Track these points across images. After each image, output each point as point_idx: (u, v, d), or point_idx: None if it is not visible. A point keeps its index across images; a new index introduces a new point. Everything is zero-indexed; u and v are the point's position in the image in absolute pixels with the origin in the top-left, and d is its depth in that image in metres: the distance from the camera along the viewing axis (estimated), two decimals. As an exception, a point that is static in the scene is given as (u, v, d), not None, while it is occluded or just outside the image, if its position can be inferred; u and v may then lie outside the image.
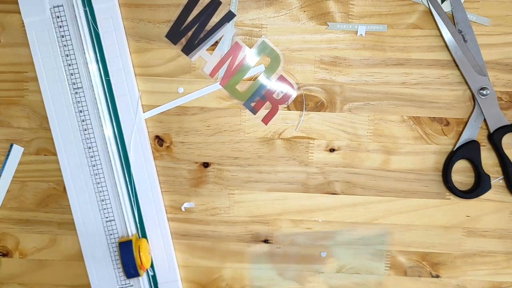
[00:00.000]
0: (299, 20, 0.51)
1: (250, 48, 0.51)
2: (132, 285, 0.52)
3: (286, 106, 0.52)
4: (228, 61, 0.51)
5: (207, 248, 0.53)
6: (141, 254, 0.49)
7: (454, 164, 0.51)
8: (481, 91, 0.50)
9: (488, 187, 0.51)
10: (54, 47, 0.49)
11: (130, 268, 0.48)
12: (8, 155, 0.53)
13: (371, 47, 0.50)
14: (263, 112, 0.52)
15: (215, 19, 0.51)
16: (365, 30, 0.50)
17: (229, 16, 0.50)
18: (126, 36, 0.51)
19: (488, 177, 0.51)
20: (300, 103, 0.51)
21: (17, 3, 0.49)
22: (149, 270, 0.52)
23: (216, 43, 0.51)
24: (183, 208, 0.53)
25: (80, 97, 0.50)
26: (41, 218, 0.53)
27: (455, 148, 0.51)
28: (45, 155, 0.53)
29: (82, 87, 0.50)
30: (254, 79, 0.51)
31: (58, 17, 0.49)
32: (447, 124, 0.51)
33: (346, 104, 0.51)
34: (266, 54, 0.51)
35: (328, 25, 0.50)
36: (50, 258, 0.54)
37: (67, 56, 0.50)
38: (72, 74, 0.50)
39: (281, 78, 0.51)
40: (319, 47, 0.51)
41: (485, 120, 0.50)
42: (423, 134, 0.51)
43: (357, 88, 0.51)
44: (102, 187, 0.51)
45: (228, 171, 0.52)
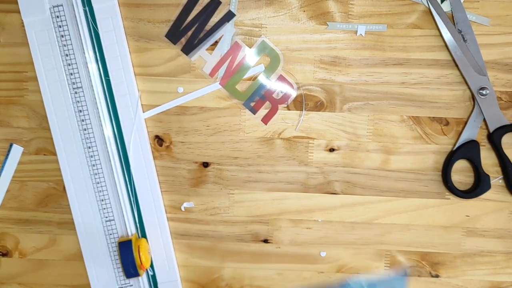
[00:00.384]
0: (299, 20, 0.51)
1: (250, 48, 0.51)
2: (132, 285, 0.52)
3: (285, 106, 0.52)
4: (228, 61, 0.51)
5: (206, 248, 0.53)
6: (141, 254, 0.49)
7: (453, 164, 0.51)
8: (481, 91, 0.50)
9: (487, 187, 0.51)
10: (54, 46, 0.49)
11: (130, 268, 0.48)
12: (7, 155, 0.53)
13: (371, 47, 0.50)
14: (262, 112, 0.52)
15: (215, 19, 0.51)
16: (365, 30, 0.50)
17: (229, 16, 0.50)
18: (126, 35, 0.51)
19: (487, 177, 0.51)
20: (299, 103, 0.51)
21: (16, 2, 0.49)
22: (148, 270, 0.52)
23: (216, 42, 0.51)
24: (182, 208, 0.53)
25: (79, 97, 0.50)
26: (41, 218, 0.53)
27: (454, 148, 0.51)
28: (44, 154, 0.53)
29: (81, 87, 0.50)
30: (253, 79, 0.51)
31: (57, 17, 0.49)
32: (447, 124, 0.51)
33: (345, 104, 0.51)
34: (266, 54, 0.51)
35: (327, 25, 0.50)
36: (49, 258, 0.54)
37: (67, 55, 0.50)
38: (71, 74, 0.50)
39: (281, 78, 0.51)
40: (318, 47, 0.51)
41: (484, 120, 0.50)
42: (423, 134, 0.51)
43: (356, 88, 0.51)
44: (101, 186, 0.51)
45: (228, 171, 0.52)
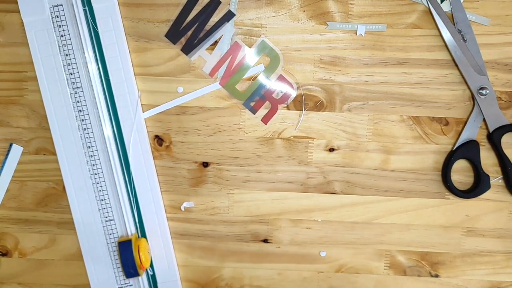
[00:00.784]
0: (299, 20, 0.51)
1: (250, 47, 0.51)
2: (132, 285, 0.52)
3: (285, 105, 0.52)
4: (228, 60, 0.51)
5: (206, 248, 0.53)
6: (141, 253, 0.49)
7: (453, 164, 0.51)
8: (481, 91, 0.50)
9: (487, 186, 0.51)
10: (54, 46, 0.49)
11: (130, 268, 0.48)
12: (7, 155, 0.53)
13: (371, 46, 0.50)
14: (262, 111, 0.52)
15: (215, 18, 0.51)
16: (365, 30, 0.50)
17: (229, 15, 0.50)
18: (126, 35, 0.51)
19: (487, 176, 0.51)
20: (299, 103, 0.51)
21: (16, 2, 0.49)
22: (148, 270, 0.52)
23: (216, 42, 0.51)
24: (182, 208, 0.53)
25: (79, 97, 0.50)
26: (41, 218, 0.53)
27: (454, 148, 0.51)
28: (44, 154, 0.52)
29: (81, 87, 0.50)
30: (253, 78, 0.51)
31: (57, 17, 0.49)
32: (447, 123, 0.51)
33: (345, 103, 0.51)
34: (266, 54, 0.51)
35: (327, 25, 0.50)
36: (49, 258, 0.54)
37: (67, 55, 0.50)
38: (71, 74, 0.50)
39: (281, 78, 0.51)
40: (318, 47, 0.51)
41: (484, 119, 0.50)
42: (423, 134, 0.51)
43: (356, 88, 0.51)
44: (101, 186, 0.51)
45: (228, 171, 0.52)
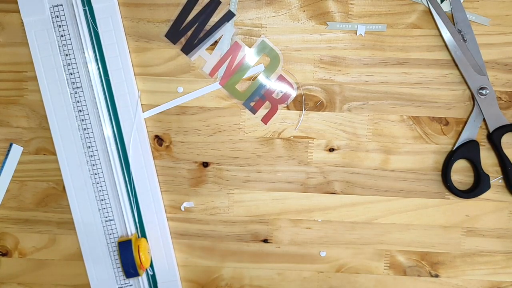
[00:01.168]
0: (299, 20, 0.51)
1: (250, 47, 0.51)
2: (132, 285, 0.52)
3: (285, 105, 0.52)
4: (228, 60, 0.51)
5: (206, 248, 0.53)
6: (141, 253, 0.49)
7: (453, 164, 0.51)
8: (481, 91, 0.50)
9: (487, 186, 0.51)
10: (54, 46, 0.49)
11: (130, 268, 0.48)
12: (7, 155, 0.53)
13: (371, 46, 0.50)
14: (262, 111, 0.52)
15: (215, 18, 0.51)
16: (365, 30, 0.50)
17: (229, 15, 0.50)
18: (126, 35, 0.51)
19: (487, 176, 0.51)
20: (299, 103, 0.51)
21: (16, 2, 0.49)
22: (148, 270, 0.52)
23: (216, 42, 0.51)
24: (182, 208, 0.53)
25: (79, 97, 0.50)
26: (41, 218, 0.53)
27: (454, 148, 0.51)
28: (44, 154, 0.52)
29: (81, 87, 0.50)
30: (253, 78, 0.51)
31: (57, 17, 0.49)
32: (447, 123, 0.51)
33: (345, 103, 0.51)
34: (266, 54, 0.51)
35: (327, 25, 0.50)
36: (49, 258, 0.54)
37: (67, 55, 0.50)
38: (71, 74, 0.50)
39: (281, 78, 0.51)
40: (318, 47, 0.51)
41: (484, 119, 0.50)
42: (423, 134, 0.51)
43: (356, 88, 0.51)
44: (101, 186, 0.51)
45: (228, 171, 0.52)
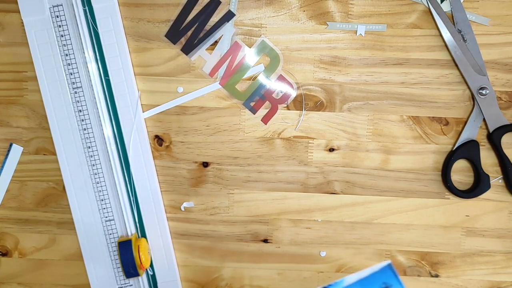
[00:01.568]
0: (299, 20, 0.51)
1: (250, 47, 0.51)
2: (132, 285, 0.52)
3: (285, 105, 0.52)
4: (228, 60, 0.51)
5: (206, 248, 0.53)
6: (141, 253, 0.49)
7: (453, 164, 0.51)
8: (481, 91, 0.50)
9: (487, 186, 0.51)
10: (54, 46, 0.49)
11: (130, 268, 0.48)
12: (7, 155, 0.53)
13: (371, 46, 0.50)
14: (262, 111, 0.52)
15: (215, 18, 0.51)
16: (365, 30, 0.50)
17: (229, 15, 0.50)
18: (126, 35, 0.51)
19: (487, 176, 0.51)
20: (299, 103, 0.51)
21: (16, 2, 0.49)
22: (148, 270, 0.52)
23: (216, 42, 0.51)
24: (182, 208, 0.53)
25: (79, 97, 0.50)
26: (41, 218, 0.53)
27: (454, 148, 0.51)
28: (44, 154, 0.52)
29: (81, 87, 0.50)
30: (253, 78, 0.51)
31: (57, 17, 0.49)
32: (447, 123, 0.51)
33: (345, 103, 0.51)
34: (266, 54, 0.51)
35: (327, 25, 0.50)
36: (49, 258, 0.54)
37: (67, 55, 0.50)
38: (71, 74, 0.50)
39: (281, 78, 0.51)
40: (318, 47, 0.51)
41: (484, 119, 0.50)
42: (423, 134, 0.51)
43: (356, 88, 0.51)
44: (101, 186, 0.51)
45: (228, 171, 0.52)
